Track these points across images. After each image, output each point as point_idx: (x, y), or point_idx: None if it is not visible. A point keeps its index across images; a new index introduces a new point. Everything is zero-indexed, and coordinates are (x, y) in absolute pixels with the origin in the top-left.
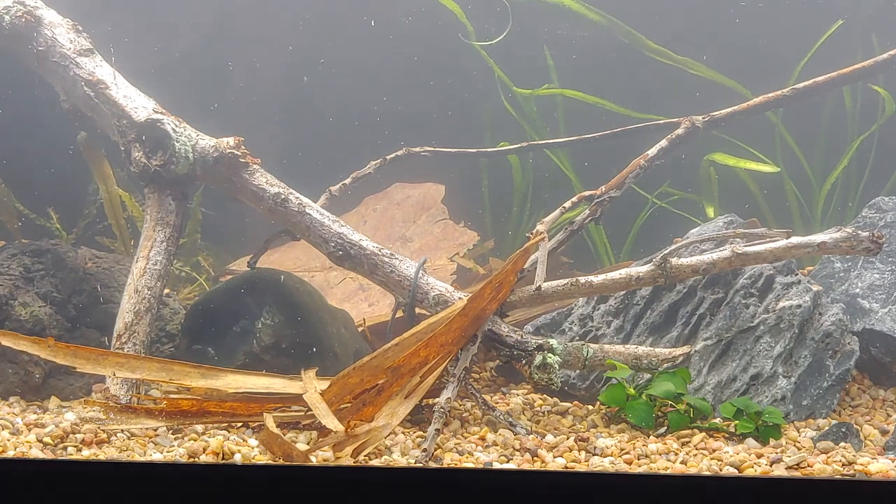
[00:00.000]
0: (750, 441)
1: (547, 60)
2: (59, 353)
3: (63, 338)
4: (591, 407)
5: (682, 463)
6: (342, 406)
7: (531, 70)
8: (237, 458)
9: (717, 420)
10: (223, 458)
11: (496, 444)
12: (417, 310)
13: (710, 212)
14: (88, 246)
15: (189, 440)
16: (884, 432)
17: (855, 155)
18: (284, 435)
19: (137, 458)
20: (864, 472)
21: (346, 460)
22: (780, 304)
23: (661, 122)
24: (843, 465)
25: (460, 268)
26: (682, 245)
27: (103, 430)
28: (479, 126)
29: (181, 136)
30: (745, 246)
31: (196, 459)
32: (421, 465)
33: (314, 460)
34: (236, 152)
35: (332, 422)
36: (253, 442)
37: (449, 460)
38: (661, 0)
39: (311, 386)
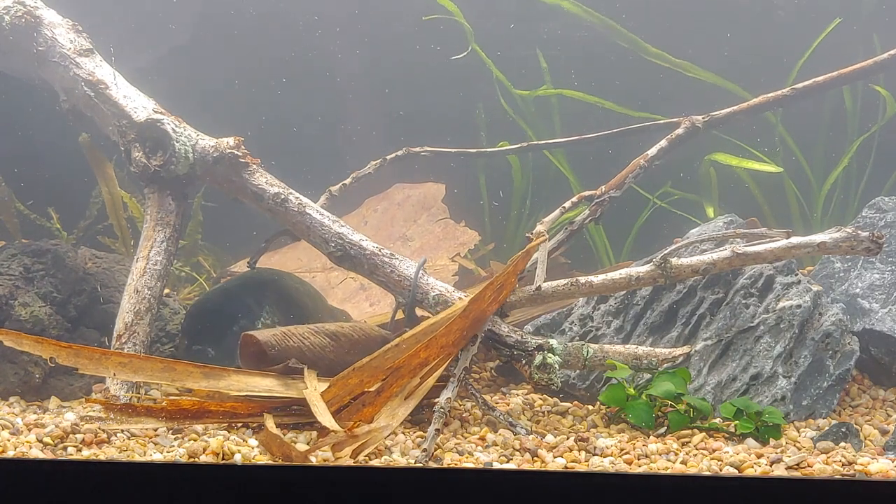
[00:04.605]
0: (750, 441)
1: (541, 63)
2: (62, 354)
3: (63, 338)
4: (591, 407)
5: (682, 463)
6: (342, 407)
7: (533, 71)
8: (237, 459)
9: (717, 420)
10: (223, 459)
11: (496, 444)
12: (418, 310)
13: (710, 212)
14: (89, 246)
15: (189, 440)
16: (884, 432)
17: (855, 155)
18: (284, 435)
19: (137, 458)
20: (864, 472)
21: (346, 460)
22: (780, 304)
23: (661, 122)
24: (843, 465)
25: (462, 267)
26: (682, 245)
27: (103, 430)
28: (479, 126)
29: (181, 136)
30: (745, 246)
31: (196, 459)
32: (421, 465)
33: (314, 461)
34: (236, 152)
35: (328, 419)
36: (253, 442)
37: (449, 460)
38: (661, 1)
39: (311, 384)
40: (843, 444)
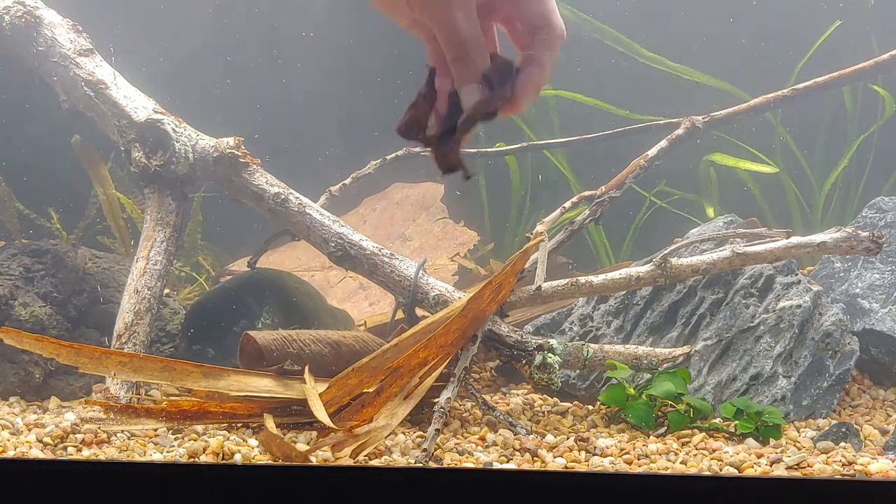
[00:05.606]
0: (750, 441)
1: None
2: (62, 352)
3: (63, 338)
4: (591, 407)
5: (682, 463)
6: (341, 407)
7: None
8: (237, 459)
9: (717, 420)
10: (223, 459)
11: (496, 444)
12: (418, 310)
13: (710, 212)
14: (89, 246)
15: (189, 440)
16: (884, 432)
17: (855, 155)
18: (284, 435)
19: (137, 458)
20: (864, 472)
21: (346, 460)
22: (780, 304)
23: (661, 122)
24: (843, 465)
25: (462, 267)
26: (682, 245)
27: (103, 431)
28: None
29: (181, 136)
30: (745, 246)
31: (196, 459)
32: (421, 465)
33: (314, 461)
34: (236, 152)
35: (323, 415)
36: (253, 442)
37: (449, 460)
38: (659, 3)
39: (310, 382)
40: (843, 444)
